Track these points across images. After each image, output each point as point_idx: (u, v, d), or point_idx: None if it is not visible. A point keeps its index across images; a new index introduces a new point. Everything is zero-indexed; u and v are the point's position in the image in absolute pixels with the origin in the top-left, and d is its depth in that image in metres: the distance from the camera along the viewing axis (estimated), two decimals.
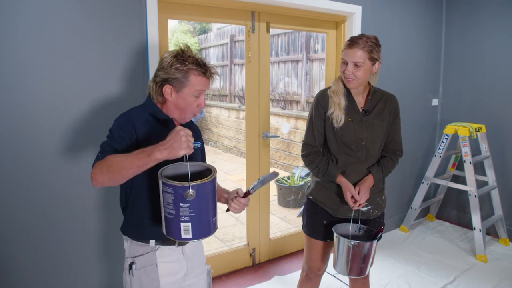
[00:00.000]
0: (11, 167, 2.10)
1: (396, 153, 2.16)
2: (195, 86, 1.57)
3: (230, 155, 8.45)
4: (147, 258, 1.62)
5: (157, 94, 1.61)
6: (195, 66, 1.56)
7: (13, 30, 2.01)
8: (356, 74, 1.94)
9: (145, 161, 1.36)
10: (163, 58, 1.58)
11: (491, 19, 3.84)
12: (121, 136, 1.53)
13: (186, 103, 1.59)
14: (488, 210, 3.90)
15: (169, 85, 1.57)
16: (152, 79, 1.63)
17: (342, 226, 2.08)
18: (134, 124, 1.55)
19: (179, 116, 1.64)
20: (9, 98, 2.05)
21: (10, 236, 2.15)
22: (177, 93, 1.58)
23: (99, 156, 1.49)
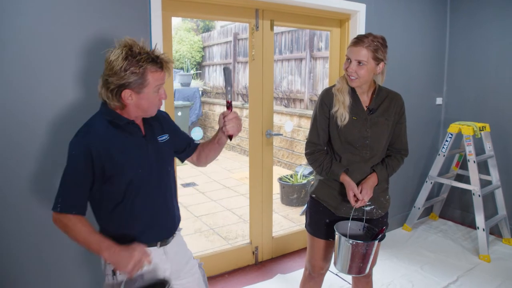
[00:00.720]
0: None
1: (401, 152, 2.14)
2: (154, 83, 1.49)
3: (233, 153, 8.46)
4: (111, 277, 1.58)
5: (114, 101, 1.48)
6: (150, 64, 1.46)
7: (14, 27, 2.01)
8: (358, 73, 1.93)
9: (93, 251, 1.45)
10: (111, 62, 1.44)
11: (496, 18, 3.81)
12: (79, 179, 1.48)
13: (149, 102, 1.52)
14: (492, 209, 3.88)
15: (127, 89, 1.46)
16: (103, 86, 1.49)
17: (344, 224, 2.08)
18: (90, 151, 1.46)
19: (143, 114, 1.57)
20: (13, 96, 2.05)
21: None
22: (137, 94, 1.48)
23: (58, 207, 1.46)
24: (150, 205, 1.61)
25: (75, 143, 1.49)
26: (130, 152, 1.55)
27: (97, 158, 1.47)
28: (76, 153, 1.48)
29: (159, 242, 1.64)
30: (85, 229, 1.46)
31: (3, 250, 2.14)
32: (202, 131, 8.17)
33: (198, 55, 10.30)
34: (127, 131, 1.56)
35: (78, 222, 1.46)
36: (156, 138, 1.66)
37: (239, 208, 5.02)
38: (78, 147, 1.48)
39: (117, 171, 1.50)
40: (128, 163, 1.53)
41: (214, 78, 9.90)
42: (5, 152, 2.08)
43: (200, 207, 5.08)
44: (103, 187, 1.52)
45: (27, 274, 2.22)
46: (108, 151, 1.49)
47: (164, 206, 1.67)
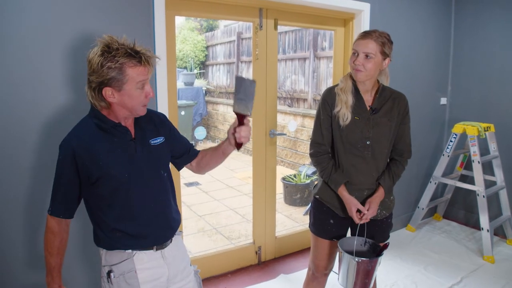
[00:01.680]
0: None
1: (403, 155, 2.12)
2: (135, 78, 1.43)
3: (237, 152, 8.44)
4: (125, 265, 1.56)
5: (98, 100, 1.46)
6: (127, 58, 1.41)
7: (16, 26, 2.01)
8: (365, 66, 1.92)
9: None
10: (90, 60, 1.42)
11: (501, 19, 3.79)
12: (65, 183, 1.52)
13: (133, 99, 1.46)
14: (496, 210, 3.86)
15: (107, 87, 1.42)
16: (87, 86, 1.47)
17: (347, 240, 2.08)
18: (74, 155, 1.47)
19: (130, 113, 1.52)
20: (13, 95, 2.05)
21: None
22: (119, 92, 1.44)
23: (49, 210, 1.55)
24: (142, 209, 1.58)
25: (61, 147, 1.52)
26: (116, 156, 1.52)
27: (80, 162, 1.48)
28: (62, 157, 1.50)
29: (155, 246, 1.61)
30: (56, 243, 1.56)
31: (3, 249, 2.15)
32: (205, 131, 8.17)
33: (202, 54, 10.30)
34: (114, 134, 1.53)
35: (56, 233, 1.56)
36: (148, 141, 1.61)
37: (242, 207, 5.02)
38: (63, 151, 1.50)
39: (102, 174, 1.49)
40: (113, 167, 1.51)
41: (217, 77, 9.90)
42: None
43: (203, 206, 5.08)
44: (91, 190, 1.53)
45: (27, 272, 2.22)
46: (92, 155, 1.48)
47: (158, 210, 1.63)
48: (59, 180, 1.52)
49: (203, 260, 3.13)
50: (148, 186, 1.59)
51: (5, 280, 2.16)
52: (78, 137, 1.50)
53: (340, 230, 2.15)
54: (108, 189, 1.52)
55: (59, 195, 1.53)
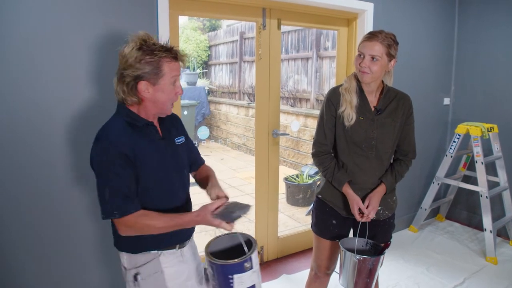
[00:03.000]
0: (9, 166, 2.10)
1: (408, 155, 2.12)
2: (170, 73, 1.48)
3: (239, 152, 8.45)
4: (151, 266, 1.58)
5: (131, 95, 1.47)
6: (165, 53, 1.46)
7: (19, 26, 2.02)
8: (372, 68, 1.92)
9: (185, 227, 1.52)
10: (126, 55, 1.44)
11: (504, 20, 3.78)
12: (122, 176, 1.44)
13: (165, 94, 1.49)
14: (499, 211, 3.85)
15: (144, 81, 1.44)
16: (119, 82, 1.48)
17: (349, 240, 2.08)
18: (122, 151, 1.44)
19: (160, 110, 1.54)
20: (20, 96, 2.06)
21: (10, 236, 2.15)
22: (154, 86, 1.46)
23: (115, 213, 1.43)
24: (170, 207, 1.59)
25: (101, 148, 1.45)
26: (151, 155, 1.52)
27: (128, 158, 1.45)
28: (109, 155, 1.43)
29: (178, 244, 1.64)
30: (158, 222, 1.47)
31: (7, 251, 2.15)
32: (208, 130, 8.18)
33: (204, 54, 10.30)
34: (146, 134, 1.53)
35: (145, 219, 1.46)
36: (174, 140, 1.65)
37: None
38: (107, 149, 1.44)
39: (140, 174, 1.49)
40: (150, 166, 1.51)
41: (220, 77, 9.90)
42: (16, 154, 2.09)
43: None
44: None
45: (32, 277, 2.23)
46: (134, 153, 1.46)
47: (183, 208, 1.66)
48: (114, 180, 1.44)
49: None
50: (176, 185, 1.63)
51: (4, 280, 2.17)
52: (117, 134, 1.47)
53: (342, 230, 2.15)
54: (142, 189, 1.51)
55: (120, 195, 1.44)
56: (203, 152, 7.43)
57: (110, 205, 1.44)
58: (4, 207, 2.10)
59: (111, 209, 1.44)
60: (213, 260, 1.47)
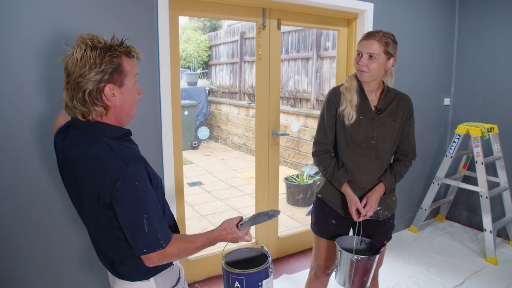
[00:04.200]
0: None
1: (408, 156, 2.12)
2: (132, 71, 1.30)
3: (239, 152, 8.46)
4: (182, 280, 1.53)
5: (94, 105, 1.25)
6: (122, 48, 1.27)
7: (19, 25, 2.02)
8: (369, 66, 1.93)
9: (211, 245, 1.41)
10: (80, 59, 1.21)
11: (505, 18, 3.78)
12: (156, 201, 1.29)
13: (131, 97, 1.32)
14: (499, 211, 3.85)
15: (109, 83, 1.24)
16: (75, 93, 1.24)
17: (345, 239, 2.08)
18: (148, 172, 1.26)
19: (127, 117, 1.35)
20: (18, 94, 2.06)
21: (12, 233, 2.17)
22: (120, 88, 1.27)
23: (162, 243, 1.27)
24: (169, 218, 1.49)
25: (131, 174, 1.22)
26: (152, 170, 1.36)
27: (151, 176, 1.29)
28: (141, 180, 1.24)
29: None
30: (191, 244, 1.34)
31: (10, 252, 2.16)
32: (208, 130, 8.18)
33: (205, 54, 10.31)
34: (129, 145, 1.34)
35: (182, 243, 1.33)
36: None
37: (244, 207, 5.02)
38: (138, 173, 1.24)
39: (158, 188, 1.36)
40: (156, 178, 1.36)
41: (220, 77, 9.91)
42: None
43: (206, 206, 5.08)
44: None
45: (31, 278, 2.23)
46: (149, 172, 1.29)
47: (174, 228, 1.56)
48: (152, 205, 1.26)
49: (205, 260, 3.13)
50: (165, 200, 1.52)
51: (5, 280, 2.17)
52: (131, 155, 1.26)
53: (342, 230, 2.15)
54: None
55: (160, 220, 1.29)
56: (203, 153, 7.44)
57: (155, 235, 1.25)
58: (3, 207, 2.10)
59: (156, 239, 1.25)
60: (243, 271, 1.49)
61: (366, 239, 2.07)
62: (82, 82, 1.22)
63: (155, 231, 1.25)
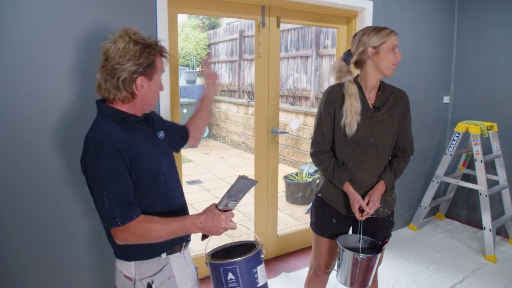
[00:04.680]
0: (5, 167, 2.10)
1: (406, 151, 2.12)
2: (161, 69, 1.47)
3: (239, 150, 8.45)
4: (165, 272, 1.52)
5: (124, 91, 1.39)
6: (158, 47, 1.44)
7: (18, 24, 2.01)
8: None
9: (181, 234, 1.43)
10: (121, 49, 1.36)
11: (505, 16, 3.77)
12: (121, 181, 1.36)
13: (157, 90, 1.49)
14: (499, 209, 3.85)
15: (141, 76, 1.40)
16: (110, 77, 1.38)
17: (346, 238, 2.08)
18: (120, 153, 1.35)
19: (148, 106, 1.50)
20: (21, 92, 2.05)
21: (13, 234, 2.16)
22: (149, 81, 1.43)
23: (118, 221, 1.34)
24: (172, 206, 1.55)
25: (97, 153, 1.35)
26: (147, 151, 1.46)
27: (126, 159, 1.37)
28: (106, 159, 1.34)
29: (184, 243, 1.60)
30: (159, 225, 1.39)
31: (8, 251, 2.15)
32: (207, 129, 8.17)
33: (204, 52, 10.30)
34: (138, 131, 1.47)
35: (147, 223, 1.38)
36: (158, 136, 1.59)
37: (244, 206, 5.01)
38: (104, 153, 1.34)
39: (142, 171, 1.42)
40: (149, 162, 1.45)
41: (219, 75, 9.90)
42: (11, 151, 2.08)
43: (205, 204, 4.99)
44: None
45: (34, 276, 2.23)
46: (131, 152, 1.39)
47: (182, 205, 1.63)
48: (113, 184, 1.35)
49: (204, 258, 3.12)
50: (174, 180, 1.59)
51: (4, 280, 2.17)
52: (110, 135, 1.38)
53: (342, 229, 2.14)
54: (147, 188, 1.45)
55: (121, 200, 1.36)
56: (202, 151, 7.42)
57: (111, 213, 1.35)
58: (3, 207, 2.10)
59: (112, 216, 1.34)
60: (236, 259, 1.41)
61: (366, 237, 2.07)
62: (118, 70, 1.37)
63: (112, 209, 1.34)
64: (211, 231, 1.41)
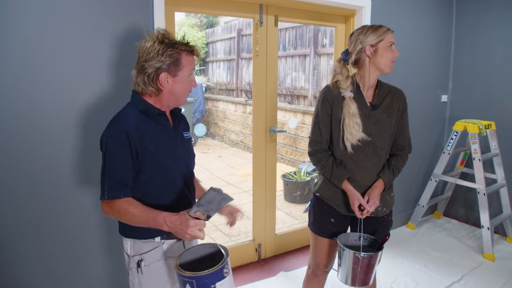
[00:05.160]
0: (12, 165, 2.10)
1: (404, 150, 2.12)
2: (188, 66, 1.58)
3: (237, 149, 8.44)
4: (155, 253, 1.62)
5: (150, 86, 1.57)
6: (184, 46, 1.57)
7: (20, 25, 2.00)
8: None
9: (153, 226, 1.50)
10: (148, 48, 1.54)
11: (503, 15, 3.78)
12: (121, 163, 1.51)
13: (183, 86, 1.60)
14: (497, 208, 3.85)
15: (164, 72, 1.54)
16: (139, 73, 1.57)
17: (345, 236, 2.07)
18: (128, 138, 1.50)
19: (177, 101, 1.63)
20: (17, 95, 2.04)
21: (13, 233, 2.15)
22: (173, 77, 1.56)
23: (105, 195, 1.51)
24: (176, 196, 1.65)
25: (110, 132, 1.52)
26: (161, 142, 1.59)
27: (133, 145, 1.50)
28: (114, 140, 1.50)
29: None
30: (137, 210, 1.49)
31: (9, 250, 2.14)
32: (205, 127, 8.16)
33: (202, 51, 10.28)
34: (158, 122, 1.61)
35: (128, 206, 1.50)
36: (182, 133, 1.73)
37: (242, 205, 4.98)
38: (115, 134, 1.51)
39: (148, 160, 1.54)
40: (159, 153, 1.57)
41: (217, 74, 9.89)
42: (18, 151, 2.07)
43: None
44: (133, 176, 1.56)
45: (34, 274, 2.22)
46: (141, 140, 1.52)
47: (187, 198, 1.72)
48: (115, 161, 1.51)
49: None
50: (184, 175, 1.69)
51: (5, 278, 2.16)
52: (126, 122, 1.53)
53: (341, 228, 2.14)
54: (151, 175, 1.57)
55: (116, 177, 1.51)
56: (200, 150, 7.40)
57: (103, 186, 1.52)
58: (5, 205, 2.09)
59: (103, 189, 1.52)
60: (194, 274, 1.41)
61: (367, 235, 2.06)
62: (145, 66, 1.54)
63: (105, 183, 1.52)
64: (178, 234, 1.47)
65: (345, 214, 2.10)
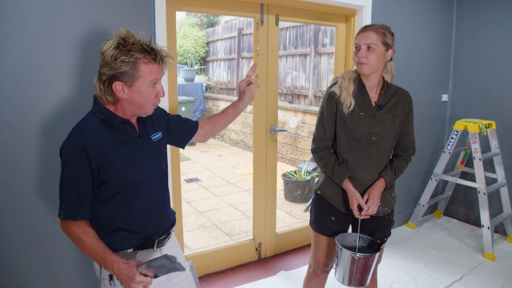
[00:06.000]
0: None
1: (407, 151, 2.12)
2: (148, 76, 1.40)
3: (237, 149, 8.45)
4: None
5: (106, 94, 1.41)
6: (143, 54, 1.38)
7: (17, 23, 2.00)
8: (368, 58, 1.92)
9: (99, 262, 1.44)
10: (104, 52, 1.38)
11: (503, 15, 3.77)
12: (79, 182, 1.41)
13: (142, 96, 1.43)
14: (497, 207, 3.85)
15: (118, 81, 1.38)
16: (97, 79, 1.42)
17: (344, 236, 2.08)
18: (87, 154, 1.38)
19: (139, 111, 1.48)
20: (18, 90, 2.04)
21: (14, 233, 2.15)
22: (129, 87, 1.40)
23: (62, 214, 1.42)
24: (147, 205, 1.56)
25: (69, 146, 1.40)
26: (125, 154, 1.48)
27: (93, 160, 1.40)
28: (72, 156, 1.39)
29: (156, 240, 1.59)
30: (90, 243, 1.40)
31: (6, 252, 2.14)
32: None
33: (202, 50, 10.28)
34: (121, 131, 1.48)
35: (83, 235, 1.41)
36: (150, 137, 1.59)
37: (242, 204, 5.02)
38: (73, 149, 1.39)
39: (112, 173, 1.44)
40: (124, 165, 1.47)
41: (218, 73, 9.89)
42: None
43: (203, 202, 5.07)
44: (97, 189, 1.46)
45: (31, 277, 2.22)
46: (103, 153, 1.41)
47: (160, 206, 1.63)
48: (72, 180, 1.41)
49: (203, 256, 3.13)
50: (153, 183, 1.58)
51: (5, 278, 2.16)
52: (87, 134, 1.42)
53: (341, 227, 2.14)
54: (115, 188, 1.47)
55: (73, 197, 1.42)
56: (200, 149, 7.38)
57: (60, 203, 1.43)
58: (5, 205, 2.09)
59: (60, 207, 1.43)
60: None
61: (366, 236, 2.07)
62: (101, 72, 1.40)
63: (61, 201, 1.42)
64: (122, 282, 1.39)
65: (346, 212, 2.10)
